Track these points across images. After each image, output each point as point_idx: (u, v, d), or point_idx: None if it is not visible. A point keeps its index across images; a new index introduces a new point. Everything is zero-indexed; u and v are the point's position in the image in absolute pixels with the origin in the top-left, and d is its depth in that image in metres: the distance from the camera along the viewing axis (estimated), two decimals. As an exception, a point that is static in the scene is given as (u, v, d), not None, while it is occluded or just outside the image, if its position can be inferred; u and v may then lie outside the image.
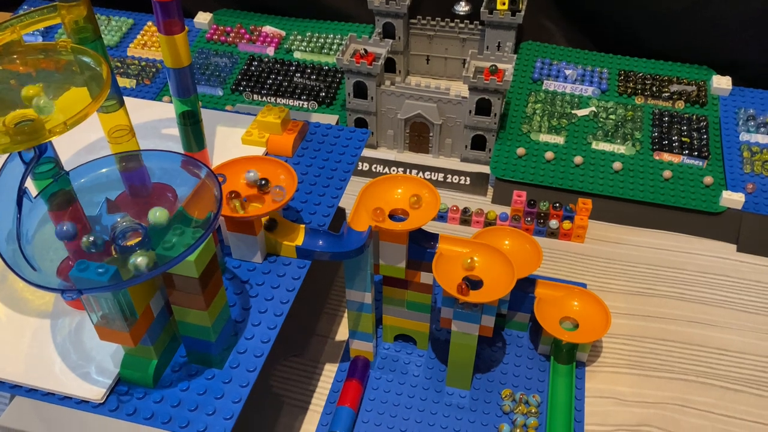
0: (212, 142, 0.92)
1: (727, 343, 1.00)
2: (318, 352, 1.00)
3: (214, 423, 0.61)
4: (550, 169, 1.24)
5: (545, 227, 1.17)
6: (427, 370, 0.96)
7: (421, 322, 0.95)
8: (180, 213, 0.65)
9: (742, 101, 1.35)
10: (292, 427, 0.90)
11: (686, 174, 1.22)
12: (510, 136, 1.30)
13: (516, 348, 0.99)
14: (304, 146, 0.93)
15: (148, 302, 0.60)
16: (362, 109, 1.33)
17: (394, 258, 0.85)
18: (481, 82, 1.21)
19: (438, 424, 0.89)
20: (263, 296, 0.72)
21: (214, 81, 1.45)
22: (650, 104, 1.35)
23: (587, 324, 0.93)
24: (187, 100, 0.79)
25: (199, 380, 0.64)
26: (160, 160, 0.66)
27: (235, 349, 0.67)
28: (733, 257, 1.14)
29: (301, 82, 1.43)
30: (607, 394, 0.94)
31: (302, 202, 0.84)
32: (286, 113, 0.91)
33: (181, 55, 0.75)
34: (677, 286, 1.09)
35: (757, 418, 0.90)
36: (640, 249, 1.16)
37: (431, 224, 1.20)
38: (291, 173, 0.73)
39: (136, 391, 0.63)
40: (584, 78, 1.40)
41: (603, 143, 1.27)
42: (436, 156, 1.36)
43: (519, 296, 0.96)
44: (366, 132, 0.96)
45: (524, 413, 0.89)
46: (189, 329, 0.62)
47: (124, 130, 0.73)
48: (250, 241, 0.73)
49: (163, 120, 0.97)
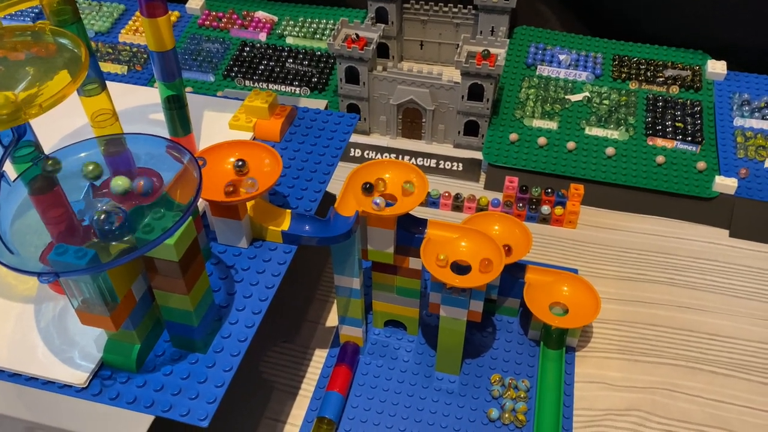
0: (199, 127, 0.91)
1: (717, 328, 1.00)
2: (308, 338, 1.00)
3: (197, 407, 0.61)
4: (543, 154, 1.23)
5: (537, 213, 1.17)
6: (417, 355, 0.96)
7: (411, 308, 0.95)
8: (164, 197, 0.65)
9: (737, 86, 1.34)
10: (281, 412, 0.90)
11: (679, 159, 1.21)
12: (503, 122, 1.29)
13: (506, 333, 0.98)
14: (292, 131, 0.92)
15: (129, 287, 0.59)
16: (354, 95, 1.32)
17: (382, 243, 0.85)
18: (473, 67, 1.20)
19: (427, 409, 0.89)
20: (248, 281, 0.71)
21: (206, 67, 1.44)
22: (644, 89, 1.34)
23: (577, 309, 0.93)
24: (172, 84, 0.79)
25: (182, 364, 0.64)
26: (142, 144, 0.66)
27: (219, 334, 0.67)
28: (725, 242, 1.14)
29: (293, 68, 1.42)
30: (596, 378, 0.94)
31: (289, 187, 0.84)
32: (273, 98, 0.90)
33: (165, 39, 0.74)
34: (669, 272, 1.09)
35: (746, 403, 0.90)
36: (632, 234, 1.15)
37: (423, 210, 1.20)
38: (276, 157, 0.73)
39: (119, 375, 0.63)
40: (578, 63, 1.39)
41: (596, 128, 1.26)
42: (429, 142, 1.35)
43: (509, 281, 0.96)
44: (354, 117, 0.96)
45: (513, 398, 0.89)
46: (171, 314, 0.62)
47: (107, 114, 0.73)
48: (235, 226, 0.73)
49: (150, 105, 0.96)
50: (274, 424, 0.89)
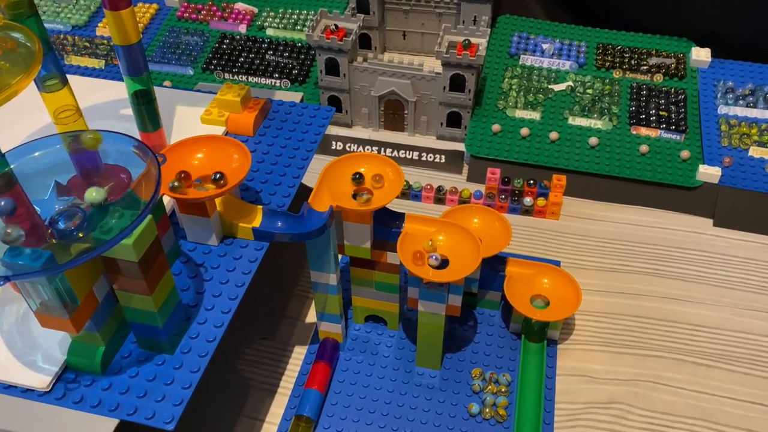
0: (170, 122, 0.89)
1: (701, 319, 0.99)
2: (287, 335, 0.98)
3: (162, 409, 0.59)
4: (526, 145, 1.22)
5: (519, 204, 1.15)
6: (397, 350, 0.94)
7: (391, 303, 0.93)
8: (129, 195, 0.63)
9: (721, 73, 1.32)
10: (259, 411, 0.89)
11: (663, 148, 1.20)
12: (486, 113, 1.27)
13: (487, 327, 0.97)
14: (266, 125, 0.90)
15: (90, 287, 0.58)
16: (335, 87, 1.30)
17: (358, 238, 0.83)
18: (454, 58, 1.18)
19: (407, 404, 0.88)
20: (218, 280, 0.70)
21: (184, 60, 1.41)
22: (628, 78, 1.33)
23: (558, 302, 0.92)
24: (139, 78, 0.77)
25: (148, 366, 0.63)
26: (105, 141, 0.64)
27: (187, 334, 0.65)
28: (710, 232, 1.13)
29: (274, 60, 1.40)
30: (578, 371, 0.93)
31: (262, 182, 0.82)
32: (246, 91, 0.88)
33: (129, 32, 0.72)
34: (652, 262, 1.08)
35: (728, 393, 0.89)
36: (615, 225, 1.14)
37: (406, 204, 1.18)
38: (245, 153, 0.71)
39: (83, 378, 0.62)
40: (562, 52, 1.37)
41: (579, 118, 1.25)
42: (411, 134, 1.34)
43: (489, 275, 0.95)
44: (330, 110, 0.94)
45: (494, 392, 0.88)
46: (135, 315, 0.60)
47: (70, 111, 0.71)
48: (204, 223, 0.71)
49: (122, 100, 0.94)
50: (252, 423, 0.87)
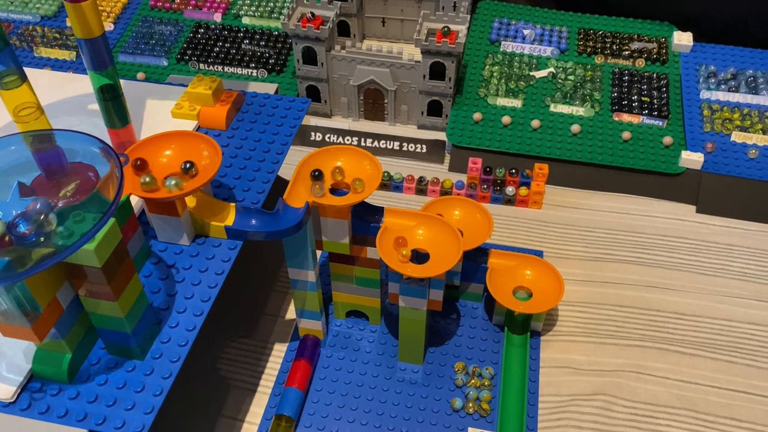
0: (140, 117, 0.86)
1: (684, 307, 0.99)
2: (267, 332, 0.96)
3: (132, 418, 0.57)
4: (507, 134, 1.20)
5: (502, 194, 1.14)
6: (379, 345, 0.93)
7: (372, 298, 0.92)
8: (94, 196, 0.61)
9: (703, 58, 1.31)
10: (239, 411, 0.87)
11: (645, 135, 1.19)
12: (467, 101, 1.26)
13: (470, 319, 0.96)
14: (240, 118, 0.88)
15: (53, 294, 0.55)
16: (313, 76, 1.27)
17: (336, 234, 0.81)
18: (433, 45, 1.16)
19: (390, 401, 0.87)
20: (190, 281, 0.68)
21: (158, 51, 1.38)
22: (610, 63, 1.31)
23: (540, 293, 0.91)
24: (105, 72, 0.74)
25: (118, 373, 0.61)
26: (63, 139, 0.61)
27: (158, 339, 0.63)
28: (693, 219, 1.12)
29: (250, 49, 1.37)
30: (562, 363, 0.92)
31: (235, 178, 0.80)
32: (218, 83, 0.85)
33: (92, 25, 0.69)
34: (636, 251, 1.07)
35: (711, 382, 0.89)
36: (598, 213, 1.13)
37: (387, 195, 1.16)
38: (215, 148, 0.68)
39: (50, 387, 0.59)
40: (543, 38, 1.36)
41: (561, 105, 1.23)
42: (392, 123, 1.31)
43: (471, 267, 0.94)
44: (306, 101, 0.91)
45: (477, 386, 0.87)
46: (102, 321, 0.58)
47: (30, 108, 0.68)
48: (174, 222, 0.69)
49: (89, 95, 0.91)
50: (232, 423, 0.86)
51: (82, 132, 0.62)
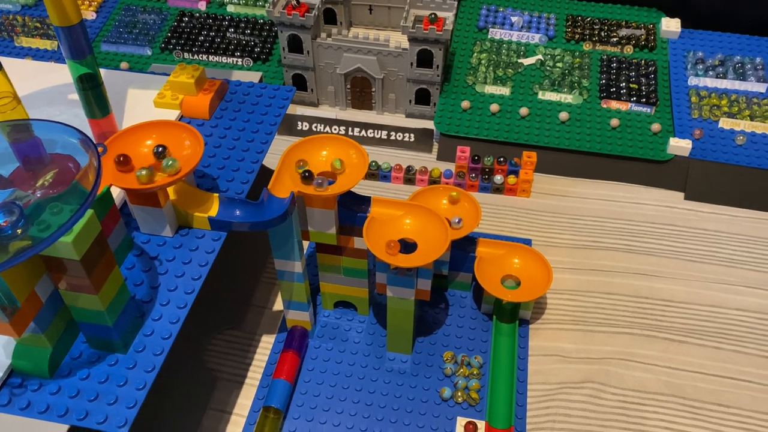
0: (122, 107, 0.85)
1: (672, 294, 0.99)
2: (254, 324, 0.96)
3: (115, 413, 0.57)
4: (496, 122, 1.19)
5: (490, 183, 1.13)
6: (368, 336, 0.92)
7: (360, 288, 0.91)
8: (74, 187, 0.59)
9: (691, 44, 1.31)
10: (227, 403, 0.86)
11: (634, 122, 1.18)
12: (455, 89, 1.25)
13: (459, 309, 0.96)
14: (223, 107, 0.86)
15: (32, 288, 0.54)
16: (299, 65, 1.26)
17: (323, 224, 0.80)
18: (420, 32, 1.15)
19: (378, 391, 0.86)
20: (173, 273, 0.67)
21: (142, 40, 1.36)
22: (598, 50, 1.30)
23: (529, 281, 0.91)
24: (84, 61, 0.72)
25: (100, 367, 0.60)
26: (41, 130, 0.60)
27: (141, 332, 0.62)
28: (681, 205, 1.12)
29: (235, 38, 1.35)
30: (551, 351, 0.92)
31: (219, 168, 0.79)
32: (200, 72, 0.84)
33: (69, 12, 0.67)
34: (624, 238, 1.07)
35: (699, 368, 0.89)
36: (586, 201, 1.13)
37: (375, 185, 1.15)
38: (197, 138, 0.67)
39: (30, 382, 0.58)
40: (531, 25, 1.34)
41: (550, 93, 1.22)
42: (380, 112, 1.30)
43: (459, 256, 0.93)
44: (291, 90, 0.90)
45: (466, 375, 0.87)
46: (83, 315, 0.57)
47: (6, 98, 0.66)
48: (156, 214, 0.68)
49: (70, 84, 0.89)
50: (220, 416, 0.85)
51: (61, 122, 0.61)
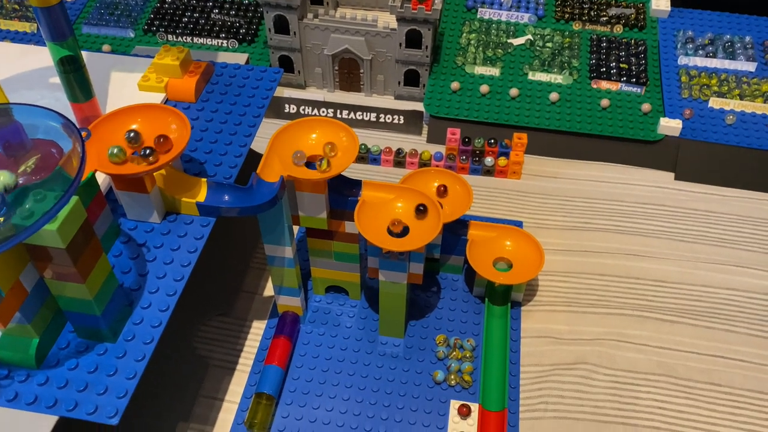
0: (105, 91, 0.83)
1: (664, 274, 0.99)
2: (245, 310, 0.95)
3: (105, 403, 0.56)
4: (486, 103, 1.18)
5: (481, 165, 1.12)
6: (360, 320, 0.92)
7: (351, 273, 0.90)
8: (57, 173, 0.58)
9: (681, 23, 1.30)
10: (218, 390, 0.86)
11: (624, 102, 1.18)
12: (444, 70, 1.23)
13: (451, 292, 0.95)
14: (209, 90, 0.85)
15: (16, 277, 0.53)
16: (285, 46, 1.23)
17: (313, 209, 0.79)
18: (408, 12, 1.13)
19: (371, 375, 0.86)
20: (162, 260, 0.65)
21: (124, 22, 1.33)
22: (588, 30, 1.29)
23: (521, 264, 0.90)
24: (64, 43, 0.70)
25: (89, 357, 0.58)
26: (17, 114, 0.58)
27: (130, 320, 0.61)
28: (671, 186, 1.12)
29: (220, 19, 1.32)
30: (543, 333, 0.92)
31: (206, 152, 0.77)
32: (185, 54, 0.82)
33: (47, -9, 0.65)
34: (615, 219, 1.07)
35: (690, 348, 0.89)
36: (577, 182, 1.13)
37: (365, 168, 1.14)
38: (183, 121, 0.66)
39: (17, 373, 0.57)
40: (520, 4, 1.33)
41: (540, 73, 1.21)
42: (368, 94, 1.29)
43: (451, 239, 0.92)
44: (279, 71, 0.88)
45: (459, 358, 0.87)
46: (70, 304, 0.56)
47: (-16, 82, 0.64)
48: (143, 199, 0.66)
49: (51, 68, 0.87)
50: (211, 403, 0.84)
51: (42, 106, 0.59)
